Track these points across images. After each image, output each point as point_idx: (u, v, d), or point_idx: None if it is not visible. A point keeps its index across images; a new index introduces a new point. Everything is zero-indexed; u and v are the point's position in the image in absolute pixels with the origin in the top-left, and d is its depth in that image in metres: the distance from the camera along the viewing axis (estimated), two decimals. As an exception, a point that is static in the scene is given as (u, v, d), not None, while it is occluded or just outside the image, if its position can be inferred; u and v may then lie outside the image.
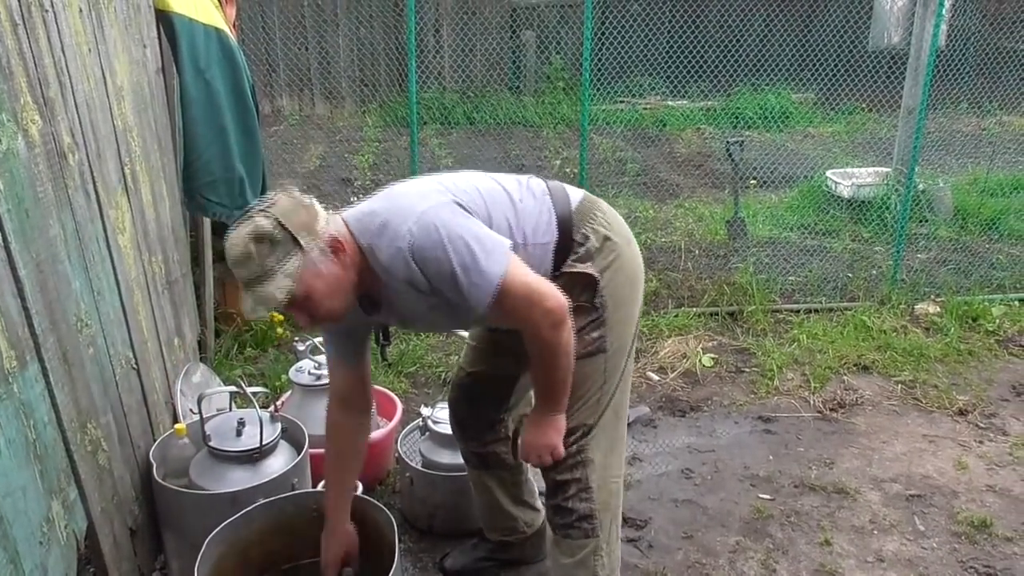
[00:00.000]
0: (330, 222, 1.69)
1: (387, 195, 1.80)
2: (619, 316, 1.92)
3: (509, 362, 2.12)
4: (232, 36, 3.06)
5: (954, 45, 6.28)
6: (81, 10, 2.11)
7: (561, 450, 1.90)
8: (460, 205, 1.74)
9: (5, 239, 1.61)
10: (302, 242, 1.61)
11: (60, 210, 1.88)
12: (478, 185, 1.85)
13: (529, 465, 2.18)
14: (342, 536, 2.03)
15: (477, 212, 1.76)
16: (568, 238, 1.87)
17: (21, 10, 1.72)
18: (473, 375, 2.22)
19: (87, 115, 2.09)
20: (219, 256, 3.52)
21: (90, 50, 2.15)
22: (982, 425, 3.32)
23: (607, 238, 1.91)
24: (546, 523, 2.14)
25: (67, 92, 1.96)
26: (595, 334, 1.90)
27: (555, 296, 1.71)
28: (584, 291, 1.87)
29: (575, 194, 1.95)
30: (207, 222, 3.28)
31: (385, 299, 1.78)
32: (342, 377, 2.04)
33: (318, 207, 1.69)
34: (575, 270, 1.86)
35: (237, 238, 1.60)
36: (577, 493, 1.96)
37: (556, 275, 1.85)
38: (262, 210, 1.62)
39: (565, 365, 1.78)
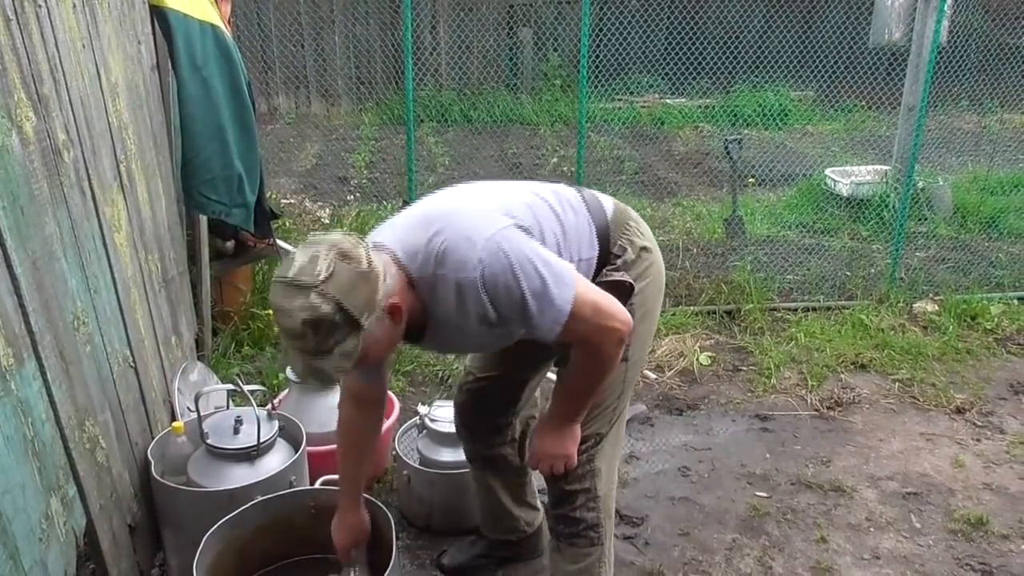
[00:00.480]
0: (387, 277, 1.55)
1: (441, 215, 1.67)
2: (644, 327, 1.91)
3: (520, 367, 2.11)
4: (227, 33, 3.05)
5: (956, 41, 6.27)
6: (75, 5, 2.11)
7: (575, 460, 1.89)
8: (521, 228, 1.66)
9: (1, 236, 1.60)
10: (363, 323, 1.50)
11: (56, 207, 1.88)
12: (524, 200, 1.77)
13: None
14: (354, 524, 2.01)
15: (533, 233, 1.70)
16: (606, 251, 1.85)
17: (14, 5, 1.71)
18: (482, 380, 2.19)
19: (82, 112, 2.08)
20: (216, 255, 3.52)
21: (84, 46, 2.14)
22: (979, 423, 3.33)
23: (643, 248, 1.89)
24: (545, 524, 2.14)
25: (61, 89, 1.96)
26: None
27: (622, 313, 1.69)
28: (618, 295, 1.80)
29: (607, 203, 1.91)
30: (204, 221, 3.27)
31: (431, 329, 1.70)
32: (357, 375, 1.96)
33: (377, 266, 1.53)
34: (612, 278, 1.83)
35: (290, 311, 1.46)
36: (585, 503, 1.95)
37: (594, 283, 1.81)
38: (319, 286, 1.45)
39: (607, 380, 1.78)
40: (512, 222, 1.65)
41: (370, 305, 1.50)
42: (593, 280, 1.80)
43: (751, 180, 6.30)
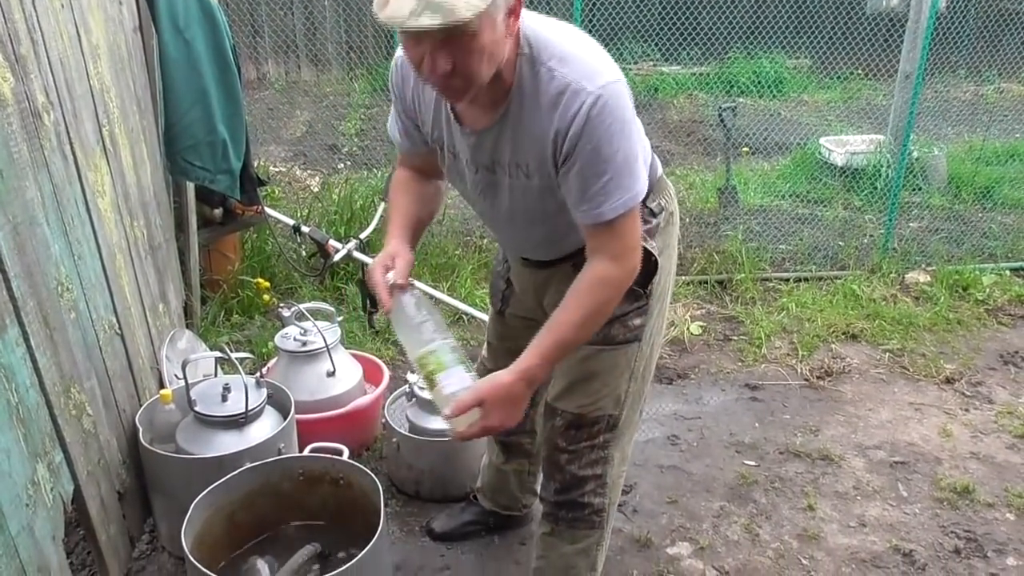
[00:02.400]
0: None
1: (583, 39, 1.54)
2: (661, 305, 1.83)
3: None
4: (213, -5, 2.99)
5: (955, 7, 6.20)
6: (54, -35, 2.05)
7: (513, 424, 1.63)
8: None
9: (-21, 200, 1.58)
10: None
11: (36, 171, 1.85)
12: None
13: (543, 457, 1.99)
14: (395, 250, 1.72)
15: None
16: (643, 202, 1.68)
17: (-11, -37, 1.67)
18: (491, 371, 2.15)
19: (62, 74, 2.04)
20: (204, 222, 3.48)
21: (63, 6, 2.09)
22: (968, 393, 3.35)
23: (673, 214, 1.80)
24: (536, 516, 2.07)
25: (40, 49, 1.91)
26: (637, 321, 1.78)
27: (638, 263, 1.60)
28: (642, 273, 1.68)
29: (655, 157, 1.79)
30: (191, 187, 3.24)
31: (501, 120, 1.54)
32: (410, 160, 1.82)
33: None
34: (644, 248, 1.68)
35: None
36: (595, 488, 1.90)
37: None
38: None
39: (592, 326, 1.59)
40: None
41: None
42: None
43: (745, 149, 6.26)
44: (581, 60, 1.48)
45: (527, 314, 1.97)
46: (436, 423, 2.58)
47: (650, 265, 1.73)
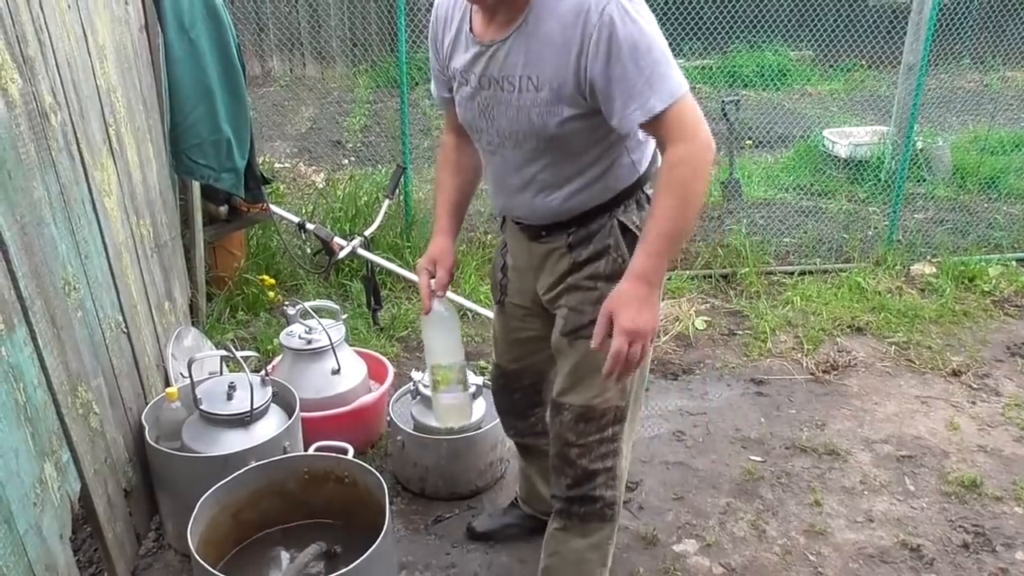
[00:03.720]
0: None
1: None
2: (660, 292, 1.81)
3: (533, 351, 2.04)
4: (217, -7, 2.99)
5: (958, -2, 6.18)
6: (59, -35, 2.05)
7: (651, 340, 1.60)
8: None
9: (-14, 201, 1.58)
10: None
11: (44, 171, 1.85)
12: None
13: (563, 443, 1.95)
14: (440, 247, 1.92)
15: None
16: (641, 182, 1.74)
17: (-5, -36, 1.67)
18: (500, 367, 2.16)
19: (68, 74, 2.04)
20: (209, 220, 3.49)
21: (70, 7, 2.09)
22: (975, 386, 3.34)
23: None
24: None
25: (47, 50, 1.91)
26: None
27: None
28: None
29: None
30: (196, 185, 3.24)
31: (523, 27, 1.58)
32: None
33: None
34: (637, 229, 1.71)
35: None
36: (606, 481, 1.90)
37: (624, 232, 1.73)
38: None
39: (686, 209, 1.54)
40: None
41: None
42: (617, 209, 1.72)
43: (748, 142, 6.24)
44: None
45: (524, 302, 1.99)
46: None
47: None
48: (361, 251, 3.37)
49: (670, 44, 1.55)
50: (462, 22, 1.71)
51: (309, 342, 2.72)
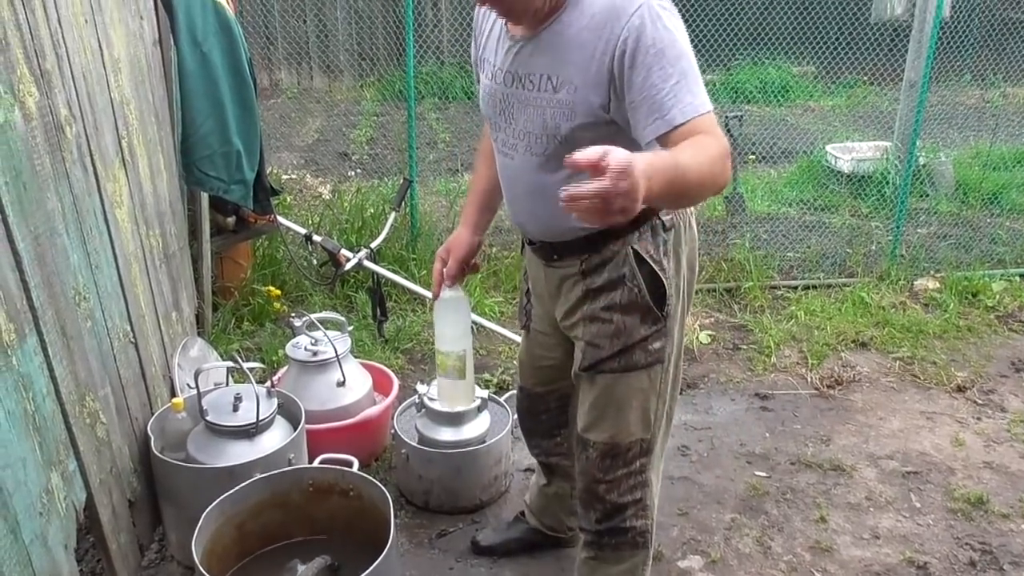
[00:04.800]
0: None
1: None
2: (680, 324, 1.81)
3: (558, 376, 2.02)
4: (230, 8, 3.02)
5: (958, 16, 6.20)
6: (76, -20, 2.08)
7: (626, 216, 1.26)
8: None
9: (3, 212, 1.60)
10: None
11: (58, 183, 1.87)
12: None
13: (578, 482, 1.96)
14: (460, 239, 1.96)
15: None
16: (654, 211, 1.67)
17: (15, -20, 1.69)
18: (526, 390, 2.17)
19: (84, 87, 2.06)
20: (217, 230, 3.50)
21: (87, 21, 2.12)
22: (980, 401, 3.34)
23: (686, 231, 1.77)
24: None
25: (64, 64, 1.94)
26: (657, 344, 1.75)
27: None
28: (656, 297, 1.71)
29: None
30: (205, 196, 3.26)
31: (553, 27, 1.57)
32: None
33: None
34: (656, 271, 1.70)
35: None
36: (636, 512, 1.89)
37: (640, 263, 1.69)
38: None
39: (696, 187, 1.36)
40: None
41: None
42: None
43: (752, 157, 6.26)
44: None
45: (547, 329, 1.99)
46: (446, 434, 2.59)
47: (662, 286, 1.72)
48: (367, 263, 3.39)
49: None
50: (501, 27, 1.70)
51: (315, 354, 2.73)
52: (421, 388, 2.68)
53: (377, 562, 1.78)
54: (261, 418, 2.28)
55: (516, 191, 1.80)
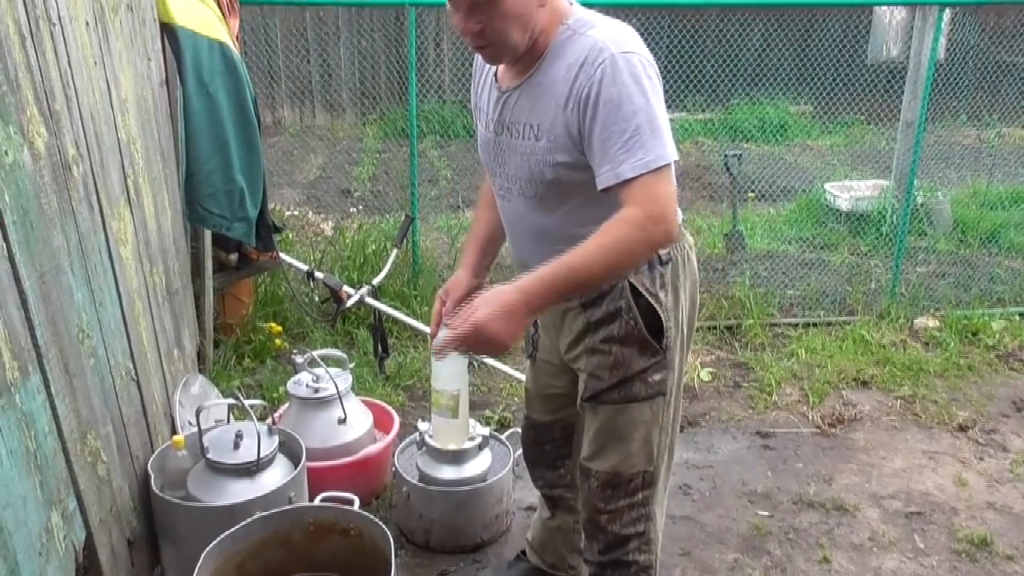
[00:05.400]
0: None
1: (627, 27, 1.65)
2: (681, 356, 1.83)
3: (563, 405, 2.04)
4: (235, 49, 3.08)
5: (953, 58, 6.31)
6: (88, 23, 2.12)
7: (503, 350, 1.57)
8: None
9: (10, 250, 1.61)
10: None
11: (64, 221, 1.89)
12: None
13: (582, 516, 1.98)
14: (459, 280, 1.96)
15: None
16: None
17: (29, 24, 1.73)
18: (531, 420, 2.18)
19: (92, 127, 2.09)
20: (219, 267, 3.52)
21: (96, 63, 2.16)
22: (982, 441, 3.33)
23: (685, 264, 1.79)
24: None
25: (73, 105, 1.97)
26: (657, 376, 1.77)
27: (676, 217, 1.57)
28: (653, 330, 1.74)
29: None
30: (208, 233, 3.28)
31: (534, 77, 1.65)
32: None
33: None
34: (652, 304, 1.73)
35: None
36: (639, 546, 1.89)
37: (636, 296, 1.72)
38: None
39: (605, 263, 1.51)
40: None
41: None
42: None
43: (751, 195, 6.32)
44: (613, 30, 1.58)
45: (552, 359, 2.00)
46: (447, 472, 2.58)
47: (659, 319, 1.74)
48: (369, 299, 3.40)
49: (673, 98, 1.61)
50: (491, 74, 1.78)
51: (316, 391, 2.73)
52: (422, 425, 2.67)
53: (377, 603, 1.77)
54: (262, 456, 2.27)
55: (516, 231, 1.85)
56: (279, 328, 3.76)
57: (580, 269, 1.51)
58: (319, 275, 3.44)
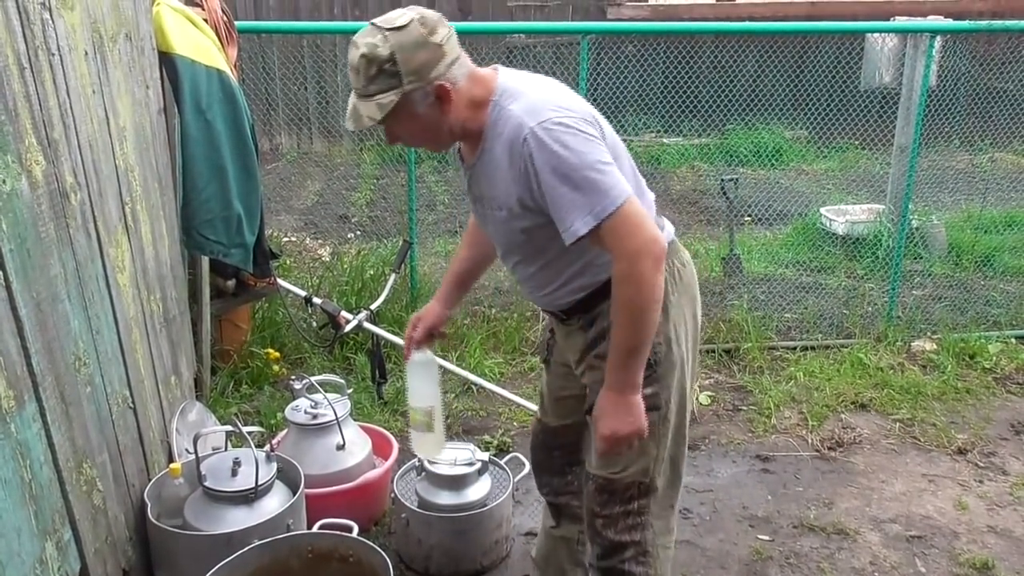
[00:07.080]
0: (458, 65, 1.67)
1: (548, 85, 1.76)
2: (679, 372, 1.86)
3: (576, 409, 2.07)
4: (233, 77, 3.10)
5: (945, 85, 6.38)
6: (87, 53, 2.14)
7: (644, 432, 1.76)
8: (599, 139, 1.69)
9: (7, 278, 1.61)
10: (406, 84, 1.61)
11: (61, 249, 1.89)
12: (619, 144, 1.81)
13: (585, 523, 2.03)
14: (432, 311, 2.13)
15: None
16: None
17: (28, 54, 1.75)
18: (543, 424, 2.21)
19: (90, 156, 2.11)
20: (217, 293, 3.52)
21: (94, 92, 2.18)
22: (981, 464, 3.31)
23: (679, 282, 1.86)
24: None
25: (71, 133, 1.98)
26: (648, 391, 1.80)
27: (654, 230, 1.64)
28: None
29: (666, 223, 1.90)
30: (205, 260, 3.29)
31: (481, 157, 1.75)
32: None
33: (448, 48, 1.64)
34: None
35: (358, 44, 1.61)
36: (635, 556, 1.89)
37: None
38: (388, 31, 1.59)
39: (651, 321, 1.66)
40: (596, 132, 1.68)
41: (421, 73, 1.61)
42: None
43: (747, 219, 6.35)
44: (530, 99, 1.67)
45: (565, 361, 2.06)
46: (446, 498, 2.56)
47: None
48: (367, 325, 3.40)
49: (669, 123, 1.66)
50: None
51: (314, 417, 2.72)
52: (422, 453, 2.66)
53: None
54: (260, 483, 2.26)
55: (516, 277, 2.01)
56: (277, 354, 3.75)
57: (631, 345, 1.68)
58: (317, 301, 3.44)
